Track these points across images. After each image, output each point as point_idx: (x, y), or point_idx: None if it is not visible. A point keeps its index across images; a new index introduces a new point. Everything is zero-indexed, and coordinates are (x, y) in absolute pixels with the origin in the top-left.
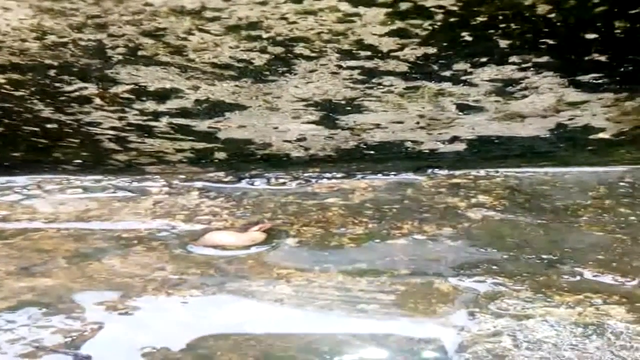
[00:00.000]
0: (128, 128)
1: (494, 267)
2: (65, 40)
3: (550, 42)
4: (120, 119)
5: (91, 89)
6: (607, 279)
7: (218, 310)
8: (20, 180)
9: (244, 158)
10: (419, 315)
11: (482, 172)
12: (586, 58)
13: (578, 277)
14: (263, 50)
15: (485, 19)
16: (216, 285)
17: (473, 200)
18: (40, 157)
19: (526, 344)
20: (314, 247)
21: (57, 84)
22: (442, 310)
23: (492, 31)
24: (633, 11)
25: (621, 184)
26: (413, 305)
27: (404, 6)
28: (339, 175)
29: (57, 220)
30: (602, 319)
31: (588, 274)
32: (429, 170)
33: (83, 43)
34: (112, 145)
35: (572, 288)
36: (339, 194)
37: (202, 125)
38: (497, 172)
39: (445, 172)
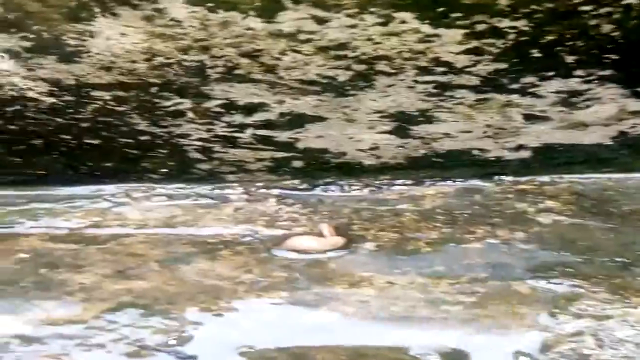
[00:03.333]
0: (214, 139)
1: (569, 269)
2: (170, 61)
3: (614, 57)
4: (208, 130)
5: (186, 104)
6: None
7: (307, 311)
8: (109, 188)
9: (319, 166)
10: (501, 316)
11: (547, 179)
12: None
13: None
14: (347, 68)
15: (554, 37)
16: (303, 288)
17: (541, 206)
18: (129, 167)
19: (609, 343)
20: (391, 251)
21: (156, 100)
22: (523, 311)
23: (559, 48)
24: None
25: None
26: (495, 307)
27: (480, 27)
28: (409, 182)
29: (146, 226)
30: None
31: None
32: (495, 177)
33: (186, 63)
34: (197, 155)
35: None
36: (410, 200)
37: (283, 136)
38: (562, 178)
39: (510, 178)
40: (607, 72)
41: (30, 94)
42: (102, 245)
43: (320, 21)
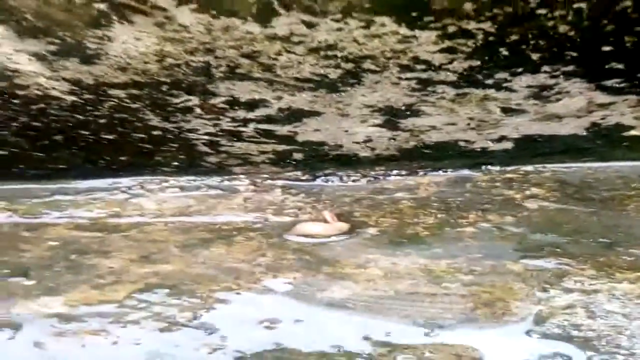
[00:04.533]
0: (220, 133)
1: (557, 249)
2: (179, 62)
3: (574, 54)
4: (214, 125)
5: (194, 100)
6: None
7: (320, 289)
8: (125, 181)
9: (319, 158)
10: (497, 291)
11: (531, 168)
12: (606, 66)
13: (634, 257)
14: (337, 67)
15: (517, 37)
16: (314, 269)
17: (527, 192)
18: (143, 161)
19: (599, 314)
20: (393, 235)
21: (167, 97)
22: (517, 287)
23: (524, 47)
24: (638, 28)
25: None
26: (491, 283)
27: (451, 29)
28: (404, 172)
29: (163, 215)
30: None
31: None
32: (483, 167)
33: (193, 64)
34: (205, 149)
35: (631, 266)
36: (406, 189)
37: (283, 129)
38: (545, 167)
39: (497, 167)
40: (570, 68)
41: (54, 92)
42: (124, 233)
43: (310, 25)
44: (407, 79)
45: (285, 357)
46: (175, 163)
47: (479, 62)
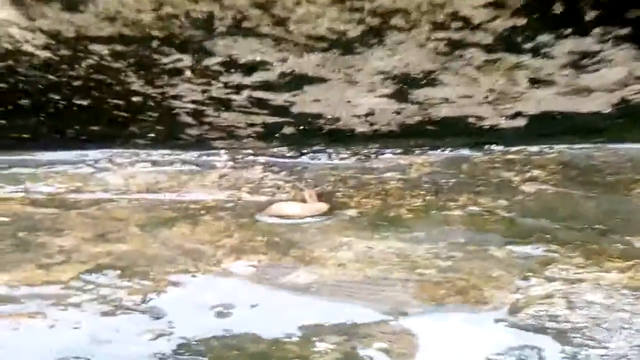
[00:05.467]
0: (208, 102)
1: (547, 235)
2: (178, 12)
3: (638, 13)
4: (203, 92)
5: (186, 60)
6: None
7: (284, 274)
8: (93, 154)
9: (310, 133)
10: (474, 279)
11: (536, 149)
12: None
13: (628, 246)
14: (360, 22)
15: None
16: (281, 251)
17: (527, 175)
18: (116, 131)
19: (579, 305)
20: (373, 217)
21: (155, 56)
22: (496, 274)
23: (582, 3)
24: None
25: None
26: (469, 270)
27: None
28: (398, 151)
29: (129, 192)
30: None
31: (638, 243)
32: (485, 147)
33: (194, 15)
34: (187, 119)
35: (623, 255)
36: (397, 169)
37: (279, 99)
38: (552, 148)
39: (500, 147)
40: (625, 31)
41: (26, 47)
42: (83, 210)
43: None
44: (436, 39)
45: (233, 344)
46: (152, 135)
47: (525, 21)
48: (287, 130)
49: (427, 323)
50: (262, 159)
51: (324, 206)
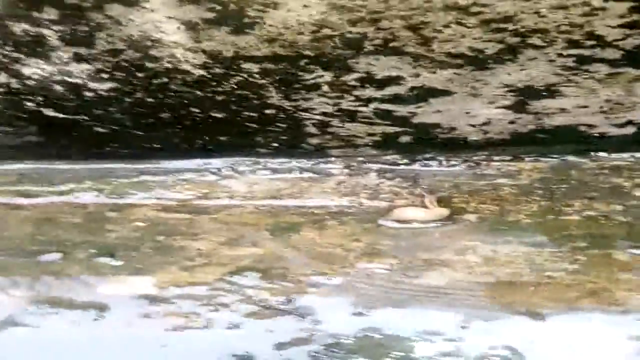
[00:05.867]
0: (336, 113)
1: None
2: (335, 33)
3: None
4: (334, 105)
5: (326, 77)
6: None
7: (416, 276)
8: (216, 162)
9: (425, 142)
10: (603, 281)
11: None
12: None
13: None
14: (500, 41)
15: None
16: (410, 255)
17: (637, 181)
18: (242, 141)
19: None
20: (493, 222)
21: (299, 73)
22: (623, 277)
23: None
24: None
25: None
26: (596, 273)
27: None
28: (507, 158)
29: (254, 198)
30: None
31: None
32: (592, 154)
33: (349, 35)
34: (312, 130)
35: None
36: (507, 175)
37: (403, 110)
38: None
39: (605, 154)
40: None
41: (184, 66)
42: (213, 215)
43: None
44: (567, 55)
45: (380, 342)
46: (274, 144)
47: None
48: (404, 139)
49: (563, 324)
50: (375, 166)
51: (445, 211)
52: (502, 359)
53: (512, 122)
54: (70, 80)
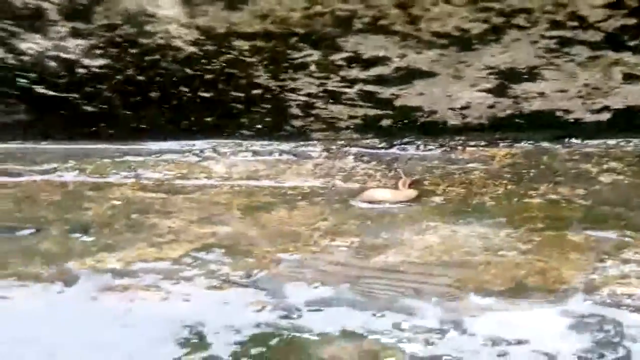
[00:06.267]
0: (321, 94)
1: (622, 222)
2: (326, 10)
3: None
4: (320, 85)
5: (315, 56)
6: None
7: (375, 254)
8: (199, 144)
9: (405, 125)
10: (553, 261)
11: (614, 142)
12: None
13: None
14: (486, 21)
15: None
16: (373, 234)
17: (605, 167)
18: (227, 123)
19: None
20: (458, 204)
21: (289, 51)
22: (574, 257)
23: None
24: None
25: None
26: (548, 252)
27: None
28: (483, 143)
29: (230, 179)
30: None
31: None
32: (565, 140)
33: (340, 13)
34: (296, 111)
35: None
36: (480, 160)
37: (386, 92)
38: (629, 142)
39: (579, 141)
40: None
41: (177, 42)
42: (188, 195)
43: None
44: (549, 37)
45: (332, 314)
46: (258, 126)
47: (635, 21)
48: (385, 122)
49: (508, 301)
50: (354, 149)
51: (413, 192)
52: (444, 333)
53: (491, 107)
54: (64, 55)
